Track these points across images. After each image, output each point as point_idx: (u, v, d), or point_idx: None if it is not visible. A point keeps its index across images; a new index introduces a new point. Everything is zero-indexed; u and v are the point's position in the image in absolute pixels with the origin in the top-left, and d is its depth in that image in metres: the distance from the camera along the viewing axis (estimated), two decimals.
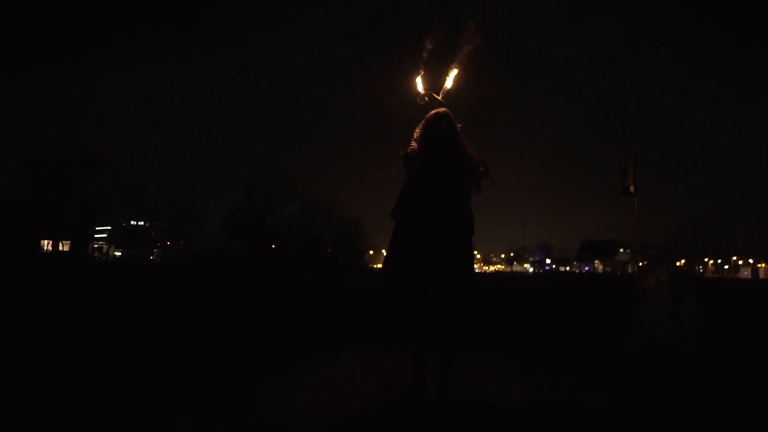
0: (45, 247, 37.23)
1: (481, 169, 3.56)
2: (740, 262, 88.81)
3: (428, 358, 3.38)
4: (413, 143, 3.51)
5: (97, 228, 43.06)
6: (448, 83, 3.70)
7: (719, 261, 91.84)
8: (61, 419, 2.96)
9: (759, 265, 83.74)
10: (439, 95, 3.71)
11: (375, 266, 68.25)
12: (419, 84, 3.76)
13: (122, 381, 3.79)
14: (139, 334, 6.04)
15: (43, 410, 3.11)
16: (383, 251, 3.92)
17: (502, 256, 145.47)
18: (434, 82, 3.78)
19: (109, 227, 42.07)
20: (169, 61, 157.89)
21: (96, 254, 38.95)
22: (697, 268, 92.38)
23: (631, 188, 5.15)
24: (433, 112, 3.58)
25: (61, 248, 38.55)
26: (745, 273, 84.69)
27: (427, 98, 3.70)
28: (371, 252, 78.76)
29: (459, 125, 3.60)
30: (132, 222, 54.15)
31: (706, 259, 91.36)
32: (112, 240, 54.13)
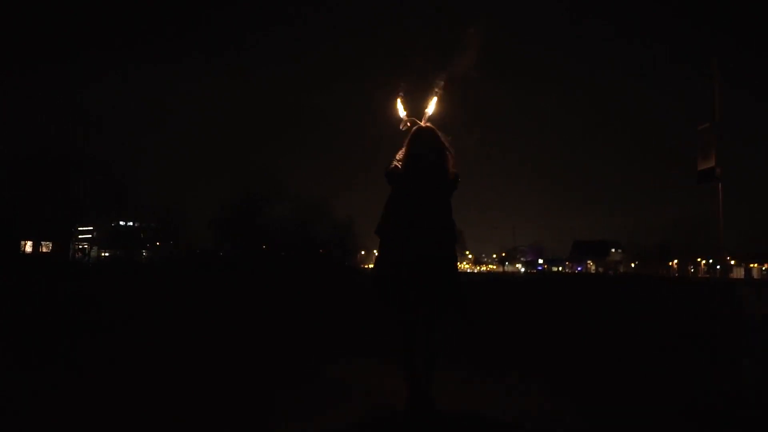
0: (25, 248, 36.17)
1: (456, 178, 3.57)
2: (733, 262, 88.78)
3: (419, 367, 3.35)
4: (395, 162, 3.58)
5: (80, 228, 42.12)
6: (430, 110, 3.76)
7: (711, 261, 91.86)
8: None
9: (751, 265, 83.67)
10: (421, 120, 3.74)
11: (367, 266, 67.65)
12: (401, 110, 3.82)
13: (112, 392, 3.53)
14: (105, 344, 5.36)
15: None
16: (375, 252, 3.83)
17: (494, 256, 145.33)
18: (416, 104, 3.85)
19: (91, 227, 41.10)
20: (162, 62, 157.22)
21: (78, 255, 37.96)
22: (689, 269, 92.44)
23: (718, 170, 3.76)
24: (415, 128, 3.65)
25: (42, 249, 37.54)
26: (743, 273, 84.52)
27: (409, 123, 3.76)
28: (363, 252, 78.16)
29: (448, 138, 3.62)
30: (121, 222, 53.22)
31: (699, 259, 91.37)
32: (99, 241, 53.08)
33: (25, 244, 36.31)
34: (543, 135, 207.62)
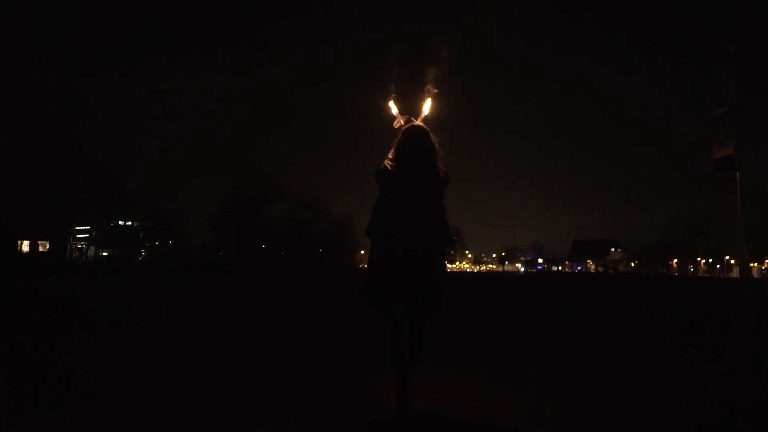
0: (21, 248, 35.93)
1: (446, 179, 3.53)
2: (732, 261, 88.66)
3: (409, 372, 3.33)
4: (387, 161, 3.50)
5: (78, 228, 41.93)
6: (426, 109, 3.71)
7: (710, 260, 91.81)
8: None
9: (751, 264, 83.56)
10: (417, 119, 3.70)
11: (365, 266, 67.37)
12: (393, 108, 3.77)
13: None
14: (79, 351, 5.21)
15: None
16: (367, 260, 3.65)
17: (494, 255, 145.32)
18: (408, 101, 3.82)
19: (89, 227, 40.93)
20: (160, 61, 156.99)
21: (76, 254, 37.77)
22: (688, 268, 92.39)
23: (738, 161, 3.29)
24: (406, 126, 3.59)
25: (40, 249, 37.34)
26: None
27: (402, 121, 3.70)
28: (362, 252, 78.03)
29: (437, 138, 3.56)
30: (120, 222, 53.14)
31: (698, 258, 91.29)
32: (97, 240, 52.88)
33: (22, 243, 36.13)
34: (543, 135, 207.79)
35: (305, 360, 4.93)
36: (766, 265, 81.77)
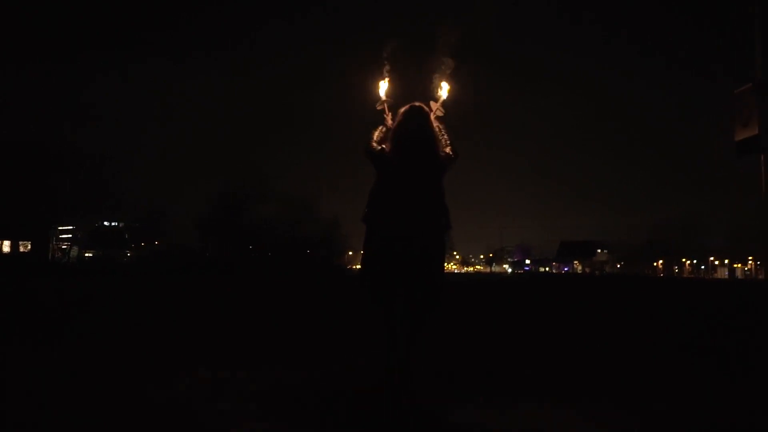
0: (2, 248, 35.26)
1: (450, 155, 3.42)
2: (716, 263, 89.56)
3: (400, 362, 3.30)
4: (380, 145, 3.42)
5: (61, 228, 41.29)
6: (443, 94, 3.60)
7: (695, 261, 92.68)
8: None
9: (736, 266, 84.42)
10: (437, 104, 3.63)
11: (354, 267, 67.31)
12: (382, 89, 3.71)
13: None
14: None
15: None
16: (362, 252, 3.57)
17: (481, 256, 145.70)
18: (399, 86, 3.78)
19: (72, 227, 40.27)
20: (160, 61, 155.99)
21: (58, 255, 37.18)
22: (673, 269, 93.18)
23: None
24: (406, 106, 3.46)
25: (21, 249, 36.71)
26: (726, 273, 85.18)
27: (386, 104, 3.63)
28: (350, 253, 77.80)
29: (436, 121, 3.48)
30: (105, 222, 52.52)
31: (683, 259, 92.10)
32: (82, 241, 52.13)
33: (2, 244, 35.48)
34: (531, 135, 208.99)
35: (300, 357, 4.79)
36: (749, 267, 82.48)
